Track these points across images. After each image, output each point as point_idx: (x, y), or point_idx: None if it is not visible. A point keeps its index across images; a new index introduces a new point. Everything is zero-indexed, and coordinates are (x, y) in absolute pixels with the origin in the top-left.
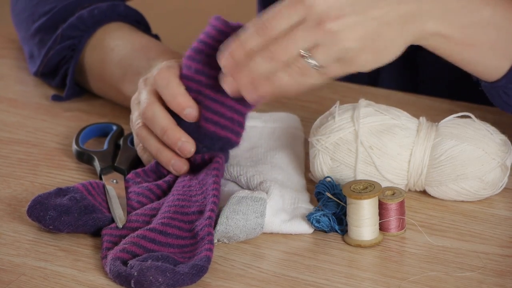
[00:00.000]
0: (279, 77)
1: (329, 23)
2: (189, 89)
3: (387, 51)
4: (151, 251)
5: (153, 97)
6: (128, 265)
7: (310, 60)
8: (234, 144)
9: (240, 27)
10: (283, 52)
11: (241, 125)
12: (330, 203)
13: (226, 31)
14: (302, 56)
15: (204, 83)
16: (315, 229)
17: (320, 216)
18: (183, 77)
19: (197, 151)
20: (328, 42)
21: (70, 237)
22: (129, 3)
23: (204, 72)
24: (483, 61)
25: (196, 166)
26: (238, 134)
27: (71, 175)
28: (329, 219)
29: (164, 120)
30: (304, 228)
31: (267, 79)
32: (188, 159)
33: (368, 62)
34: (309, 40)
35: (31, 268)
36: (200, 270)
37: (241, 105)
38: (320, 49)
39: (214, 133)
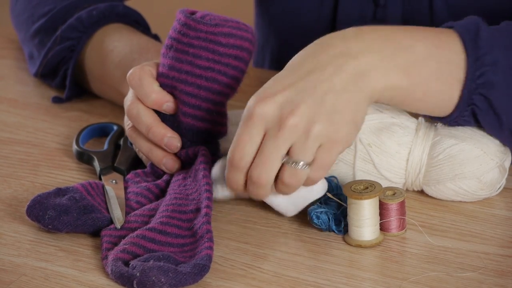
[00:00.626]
0: (282, 191)
1: (288, 119)
2: (165, 86)
3: (358, 115)
4: (151, 251)
5: (136, 96)
6: (130, 265)
7: (293, 164)
8: (217, 134)
9: (202, 16)
10: (265, 175)
11: (221, 114)
12: (331, 204)
13: (188, 23)
14: (285, 164)
15: (177, 78)
16: (314, 225)
17: (321, 213)
18: (159, 75)
19: (182, 146)
20: (299, 136)
21: (70, 237)
22: (128, 3)
23: (175, 68)
24: (434, 95)
25: (184, 165)
26: (220, 124)
27: (72, 175)
28: (329, 218)
29: (148, 118)
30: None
31: (278, 191)
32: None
33: (350, 135)
34: (280, 146)
35: (31, 268)
36: (202, 269)
37: (216, 94)
38: (296, 147)
39: (194, 126)
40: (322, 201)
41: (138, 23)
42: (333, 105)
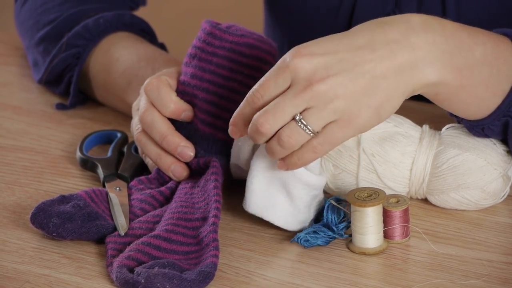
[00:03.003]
0: (273, 149)
1: (316, 84)
2: (185, 94)
3: (386, 106)
4: (156, 258)
5: (151, 102)
6: (135, 272)
7: (300, 124)
8: (231, 146)
9: (228, 27)
10: (269, 125)
11: None
12: (332, 210)
13: (214, 32)
14: (295, 121)
15: (199, 86)
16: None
17: (306, 235)
18: (180, 83)
19: (195, 155)
20: (318, 103)
21: (74, 245)
22: (135, 12)
23: (197, 76)
24: (477, 101)
25: (191, 171)
26: None
27: (76, 183)
28: (323, 235)
29: (163, 126)
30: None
31: (268, 148)
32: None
33: (368, 121)
34: (297, 104)
35: (35, 275)
36: (207, 277)
37: (237, 105)
38: (311, 111)
39: (211, 135)
40: (325, 212)
41: (145, 32)
42: (364, 86)
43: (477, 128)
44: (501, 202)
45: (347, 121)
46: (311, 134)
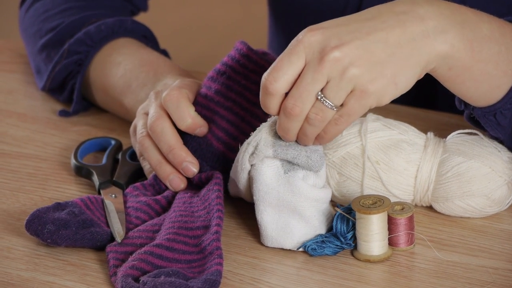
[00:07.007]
0: (307, 129)
1: (331, 52)
2: (205, 107)
3: (402, 75)
4: (159, 267)
5: (163, 111)
6: (141, 281)
7: (323, 100)
8: None
9: (264, 53)
10: (299, 107)
11: None
12: (342, 220)
13: (250, 56)
14: (318, 100)
15: (222, 104)
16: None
17: (314, 243)
18: (201, 96)
19: (199, 170)
20: (335, 73)
21: (79, 252)
22: (136, 17)
23: (222, 93)
24: (488, 79)
25: (191, 184)
26: None
27: (80, 190)
28: (330, 245)
29: (171, 138)
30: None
31: (302, 133)
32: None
33: (385, 91)
34: (318, 79)
35: (40, 282)
36: (213, 284)
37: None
38: (329, 86)
39: (223, 154)
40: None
41: (146, 38)
42: (378, 55)
43: (489, 115)
44: (506, 209)
45: (362, 91)
46: (334, 109)
